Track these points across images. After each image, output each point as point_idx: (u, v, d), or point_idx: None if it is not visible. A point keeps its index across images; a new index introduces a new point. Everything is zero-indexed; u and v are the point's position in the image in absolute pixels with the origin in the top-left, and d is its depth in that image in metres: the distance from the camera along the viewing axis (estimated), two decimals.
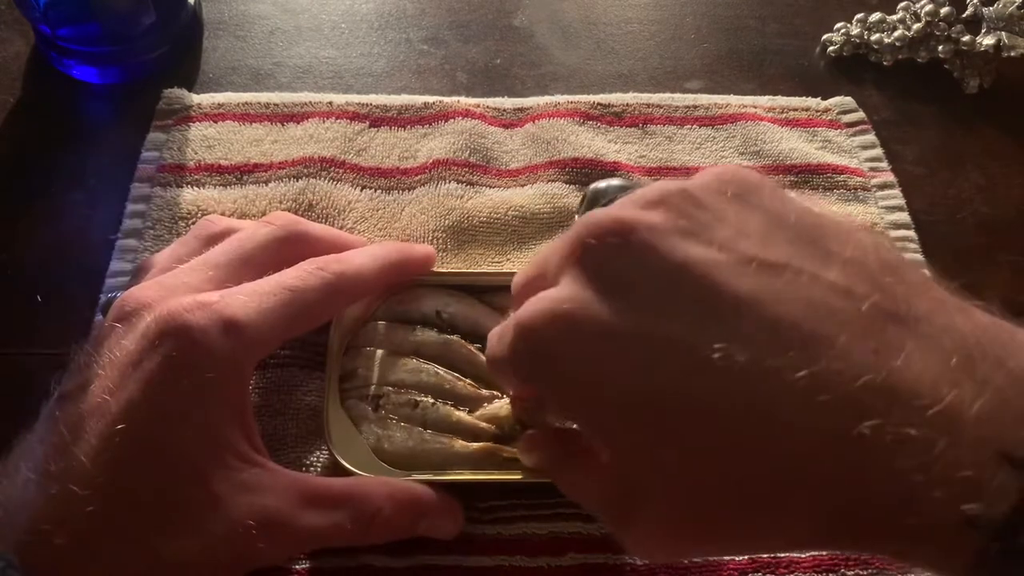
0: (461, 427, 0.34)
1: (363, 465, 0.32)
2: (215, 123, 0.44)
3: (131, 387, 0.27)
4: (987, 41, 0.50)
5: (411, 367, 0.35)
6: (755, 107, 0.47)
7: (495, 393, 0.35)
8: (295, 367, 0.36)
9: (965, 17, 0.51)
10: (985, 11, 0.51)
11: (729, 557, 0.33)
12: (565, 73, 0.49)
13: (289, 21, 0.50)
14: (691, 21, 0.53)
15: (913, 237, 0.43)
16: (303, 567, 0.32)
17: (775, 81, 0.50)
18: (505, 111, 0.46)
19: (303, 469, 0.34)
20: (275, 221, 0.34)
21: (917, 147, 0.47)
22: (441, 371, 0.35)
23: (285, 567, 0.32)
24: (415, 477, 0.32)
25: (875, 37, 0.51)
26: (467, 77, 0.49)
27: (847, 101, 0.48)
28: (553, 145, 0.44)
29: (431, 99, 0.46)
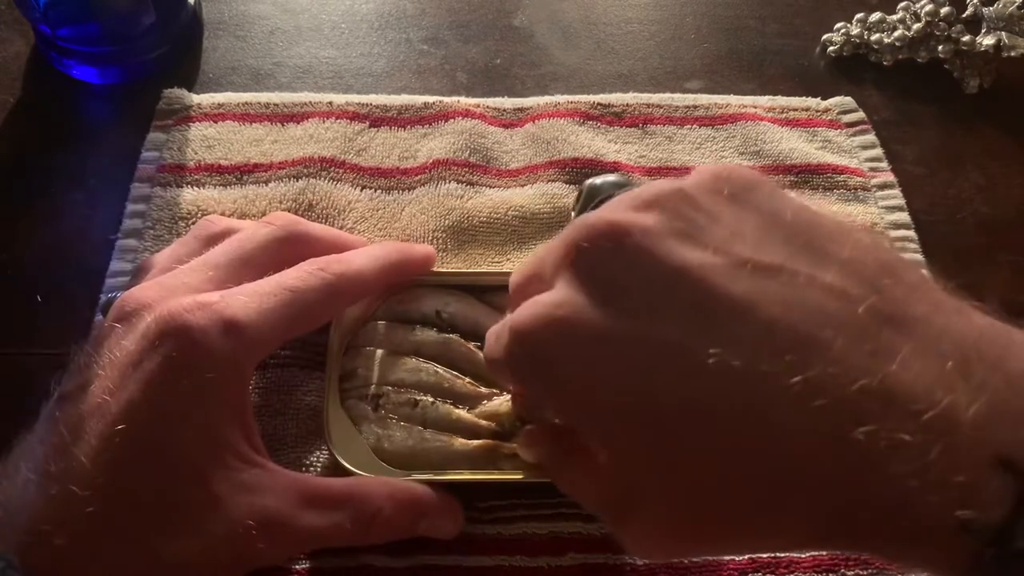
0: (461, 425, 0.34)
1: (363, 465, 0.32)
2: (215, 123, 0.44)
3: (131, 387, 0.27)
4: (987, 41, 0.50)
5: (411, 366, 0.35)
6: (755, 107, 0.47)
7: (495, 391, 0.35)
8: (295, 367, 0.36)
9: (965, 17, 0.51)
10: (985, 11, 0.51)
11: (728, 557, 0.33)
12: (565, 73, 0.49)
13: (289, 21, 0.50)
14: (691, 21, 0.53)
15: (913, 237, 0.43)
16: (303, 567, 0.32)
17: (775, 81, 0.50)
18: (505, 111, 0.46)
19: (303, 469, 0.34)
20: (275, 221, 0.34)
21: (917, 147, 0.47)
22: (441, 370, 0.35)
23: (285, 567, 0.32)
24: (415, 477, 0.32)
25: (875, 37, 0.51)
26: (467, 77, 0.49)
27: (847, 101, 0.48)
28: (553, 145, 0.44)
29: (431, 99, 0.46)
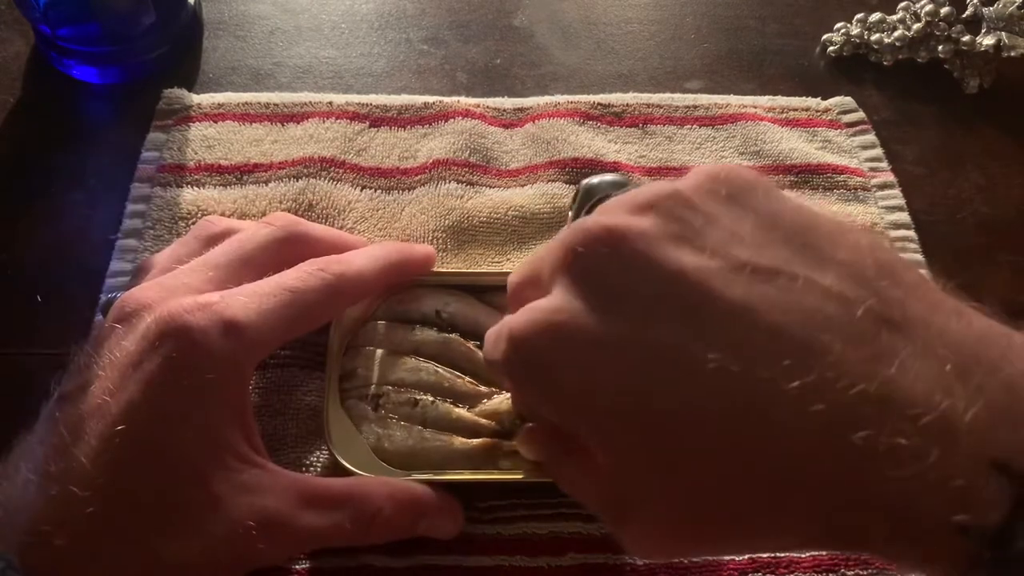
0: (461, 424, 0.34)
1: (363, 465, 0.32)
2: (215, 123, 0.44)
3: (131, 388, 0.27)
4: (987, 41, 0.50)
5: (410, 366, 0.35)
6: (755, 107, 0.47)
7: (494, 390, 0.35)
8: (295, 367, 0.36)
9: (965, 17, 0.51)
10: (985, 11, 0.51)
11: (728, 557, 0.33)
12: (565, 73, 0.49)
13: (289, 21, 0.50)
14: (691, 21, 0.53)
15: (913, 237, 0.43)
16: (303, 567, 0.32)
17: (775, 81, 0.50)
18: (505, 111, 0.46)
19: (303, 469, 0.34)
20: (275, 222, 0.34)
21: (917, 147, 0.47)
22: (441, 369, 0.35)
23: (285, 567, 0.32)
24: (415, 477, 0.32)
25: (875, 37, 0.51)
26: (467, 77, 0.49)
27: (847, 101, 0.48)
28: (553, 145, 0.44)
29: (431, 99, 0.46)
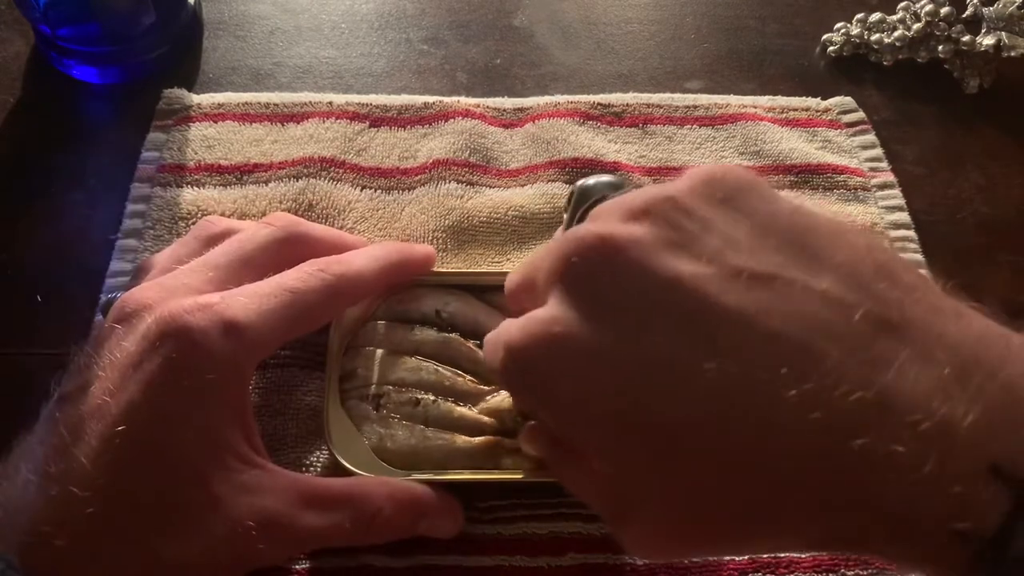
0: (463, 423, 0.34)
1: (363, 465, 0.32)
2: (215, 123, 0.44)
3: (131, 388, 0.27)
4: (987, 41, 0.50)
5: (411, 365, 0.35)
6: (755, 107, 0.47)
7: (495, 387, 0.35)
8: (295, 367, 0.36)
9: (965, 17, 0.51)
10: (985, 11, 0.51)
11: (728, 557, 0.33)
12: (565, 73, 0.49)
13: (289, 21, 0.50)
14: (691, 21, 0.53)
15: (913, 237, 0.43)
16: (303, 567, 0.32)
17: (775, 81, 0.50)
18: (505, 111, 0.46)
19: (303, 469, 0.34)
20: (275, 222, 0.34)
21: (917, 147, 0.47)
22: (441, 368, 0.35)
23: (285, 567, 0.32)
24: (415, 477, 0.32)
25: (875, 37, 0.51)
26: (467, 77, 0.49)
27: (847, 101, 0.48)
28: (553, 145, 0.44)
29: (431, 99, 0.46)
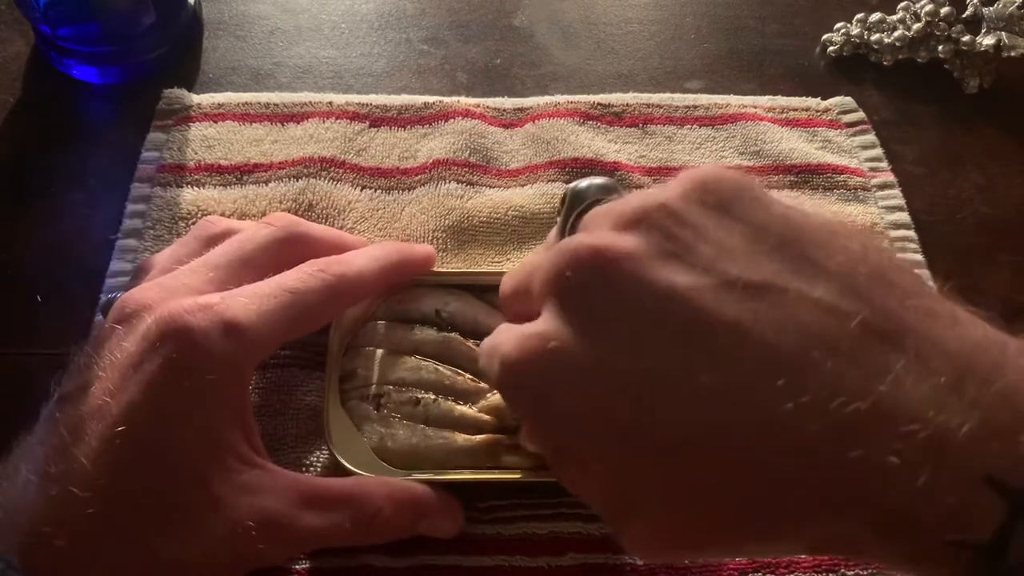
0: (464, 421, 0.34)
1: (363, 465, 0.32)
2: (215, 123, 0.44)
3: (132, 389, 0.27)
4: (987, 41, 0.50)
5: (411, 365, 0.35)
6: (755, 107, 0.47)
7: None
8: (295, 367, 0.37)
9: (965, 17, 0.51)
10: (985, 11, 0.51)
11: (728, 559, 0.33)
12: (565, 73, 0.49)
13: (289, 21, 0.50)
14: (691, 21, 0.53)
15: (913, 237, 0.43)
16: (303, 567, 0.32)
17: (775, 81, 0.50)
18: (505, 111, 0.46)
19: (303, 469, 0.34)
20: (275, 222, 0.34)
21: (917, 147, 0.47)
22: (441, 367, 0.35)
23: (285, 567, 0.32)
24: (415, 477, 0.32)
25: (875, 37, 0.51)
26: (467, 77, 0.49)
27: (847, 101, 0.48)
28: (553, 145, 0.44)
29: (431, 99, 0.46)
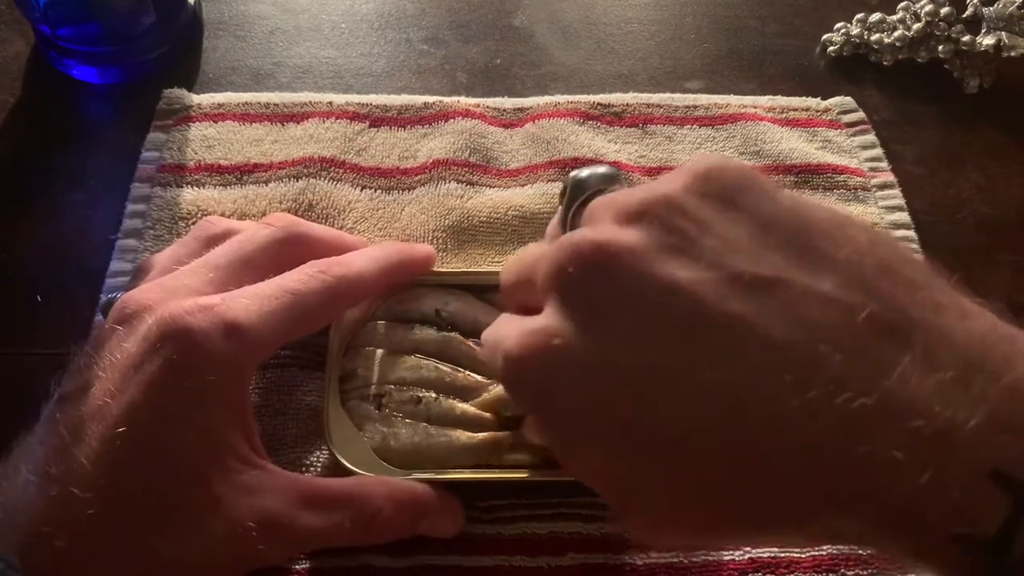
0: (465, 419, 0.34)
1: (364, 465, 0.32)
2: (215, 123, 0.44)
3: (132, 390, 0.27)
4: (987, 41, 0.50)
5: (411, 364, 0.35)
6: (755, 107, 0.47)
7: (496, 382, 0.35)
8: (295, 367, 0.37)
9: (965, 17, 0.51)
10: (985, 11, 0.51)
11: (733, 548, 0.33)
12: (565, 73, 0.49)
13: (289, 21, 0.50)
14: (691, 21, 0.53)
15: (913, 237, 0.43)
16: (303, 567, 0.32)
17: (775, 81, 0.50)
18: (505, 111, 0.46)
19: (303, 469, 0.34)
20: (275, 223, 0.34)
21: (917, 147, 0.47)
22: (441, 365, 0.35)
23: (285, 567, 0.32)
24: (415, 476, 0.32)
25: (875, 37, 0.51)
26: (467, 77, 0.49)
27: (847, 101, 0.48)
28: (553, 145, 0.44)
29: (431, 99, 0.46)
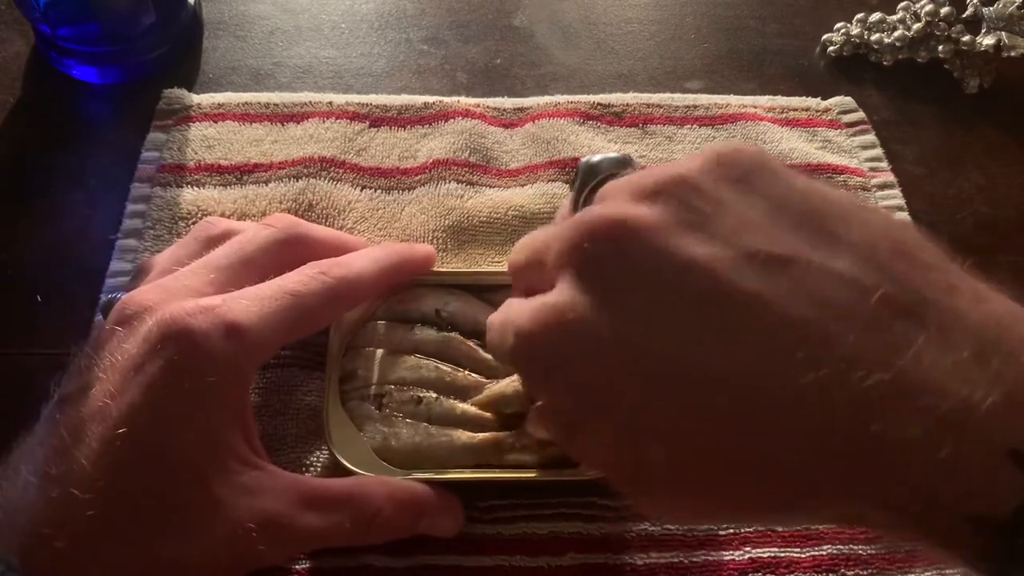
0: (466, 419, 0.34)
1: (364, 465, 0.32)
2: (215, 123, 0.44)
3: (132, 391, 0.27)
4: (987, 41, 0.50)
5: (411, 364, 0.35)
6: (755, 107, 0.47)
7: (496, 381, 0.35)
8: (295, 367, 0.37)
9: (965, 17, 0.51)
10: (985, 11, 0.51)
11: (734, 549, 0.33)
12: (565, 73, 0.49)
13: (289, 21, 0.50)
14: (691, 21, 0.52)
15: None
16: (303, 567, 0.32)
17: (775, 81, 0.50)
18: (505, 111, 0.46)
19: (303, 469, 0.34)
20: (275, 223, 0.34)
21: (917, 147, 0.47)
22: (441, 365, 0.35)
23: (285, 567, 0.32)
24: (415, 476, 0.32)
25: (875, 37, 0.51)
26: (467, 77, 0.49)
27: (847, 101, 0.48)
28: (553, 145, 0.44)
29: (431, 99, 0.46)
